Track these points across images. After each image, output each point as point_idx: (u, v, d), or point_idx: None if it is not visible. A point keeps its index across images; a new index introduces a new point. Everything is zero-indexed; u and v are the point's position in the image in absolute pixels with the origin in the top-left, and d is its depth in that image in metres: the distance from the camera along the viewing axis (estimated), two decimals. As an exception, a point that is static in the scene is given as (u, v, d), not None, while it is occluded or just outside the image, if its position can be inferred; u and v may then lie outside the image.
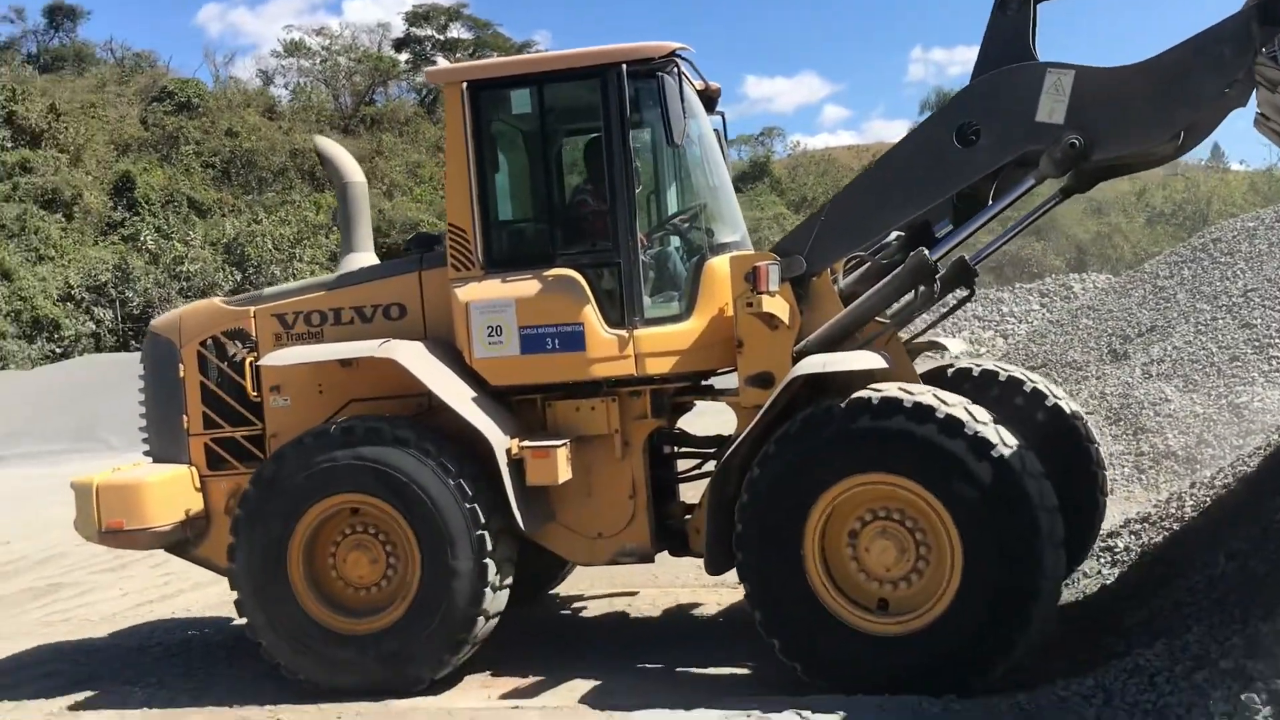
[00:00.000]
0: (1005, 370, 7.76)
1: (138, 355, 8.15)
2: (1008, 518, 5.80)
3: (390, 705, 6.53)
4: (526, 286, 6.92)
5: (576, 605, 9.02)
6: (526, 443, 6.83)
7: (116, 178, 43.12)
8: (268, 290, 7.86)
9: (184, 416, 7.61)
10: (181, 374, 7.61)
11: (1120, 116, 6.08)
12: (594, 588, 9.31)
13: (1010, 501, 5.80)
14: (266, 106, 52.23)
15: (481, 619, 6.74)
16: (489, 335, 6.93)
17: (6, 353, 36.08)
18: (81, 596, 10.59)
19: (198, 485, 7.50)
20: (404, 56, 58.67)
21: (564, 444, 6.87)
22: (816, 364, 6.38)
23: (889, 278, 6.72)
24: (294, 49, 56.55)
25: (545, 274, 6.93)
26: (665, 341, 6.96)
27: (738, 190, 8.78)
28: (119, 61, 55.37)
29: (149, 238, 41.32)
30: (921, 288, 6.75)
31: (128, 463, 7.96)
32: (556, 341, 6.89)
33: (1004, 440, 5.90)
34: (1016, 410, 7.38)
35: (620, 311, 6.94)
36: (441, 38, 59.11)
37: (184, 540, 7.46)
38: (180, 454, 7.58)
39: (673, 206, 7.63)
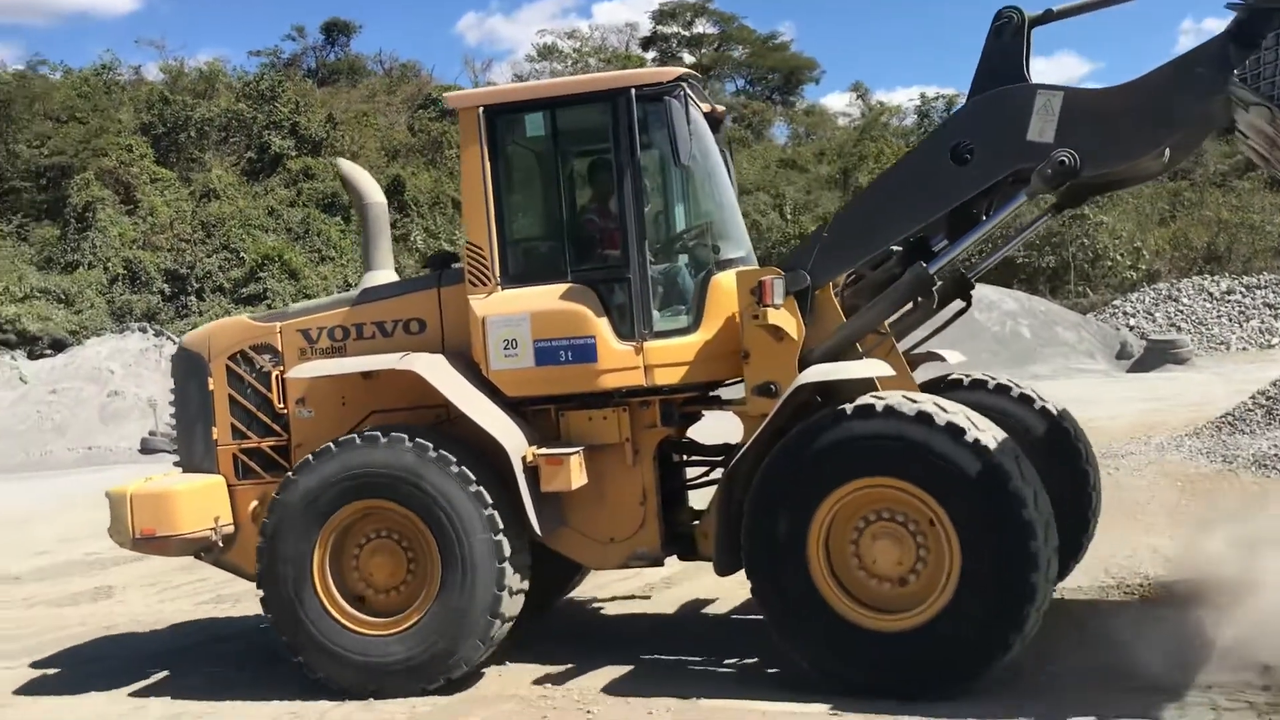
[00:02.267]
0: (994, 379, 8.19)
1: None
2: (1004, 521, 6.05)
3: (699, 703, 6.61)
4: (541, 301, 7.20)
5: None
6: (541, 450, 7.10)
7: (388, 182, 46.11)
8: (293, 307, 8.29)
9: (213, 428, 7.96)
10: (211, 387, 7.97)
11: (1106, 135, 6.29)
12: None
13: (1007, 506, 6.05)
14: (523, 109, 54.50)
15: (498, 622, 7.00)
16: (505, 348, 7.24)
17: (295, 347, 39.50)
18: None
19: (226, 494, 7.83)
20: (651, 55, 59.50)
21: (577, 451, 7.11)
22: (822, 372, 6.66)
23: (889, 290, 6.99)
24: (547, 53, 58.44)
25: (559, 289, 7.19)
26: (673, 353, 7.18)
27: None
28: (387, 72, 58.98)
29: (418, 237, 44.03)
30: (920, 299, 7.05)
31: (159, 473, 8.37)
32: (570, 354, 7.16)
33: (1002, 447, 6.19)
34: (1007, 413, 7.77)
35: (631, 324, 7.15)
36: (687, 34, 59.86)
37: (212, 546, 7.79)
38: (209, 464, 7.95)
39: (680, 224, 7.87)
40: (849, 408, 6.40)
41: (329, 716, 6.96)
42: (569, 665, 7.51)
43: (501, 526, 6.95)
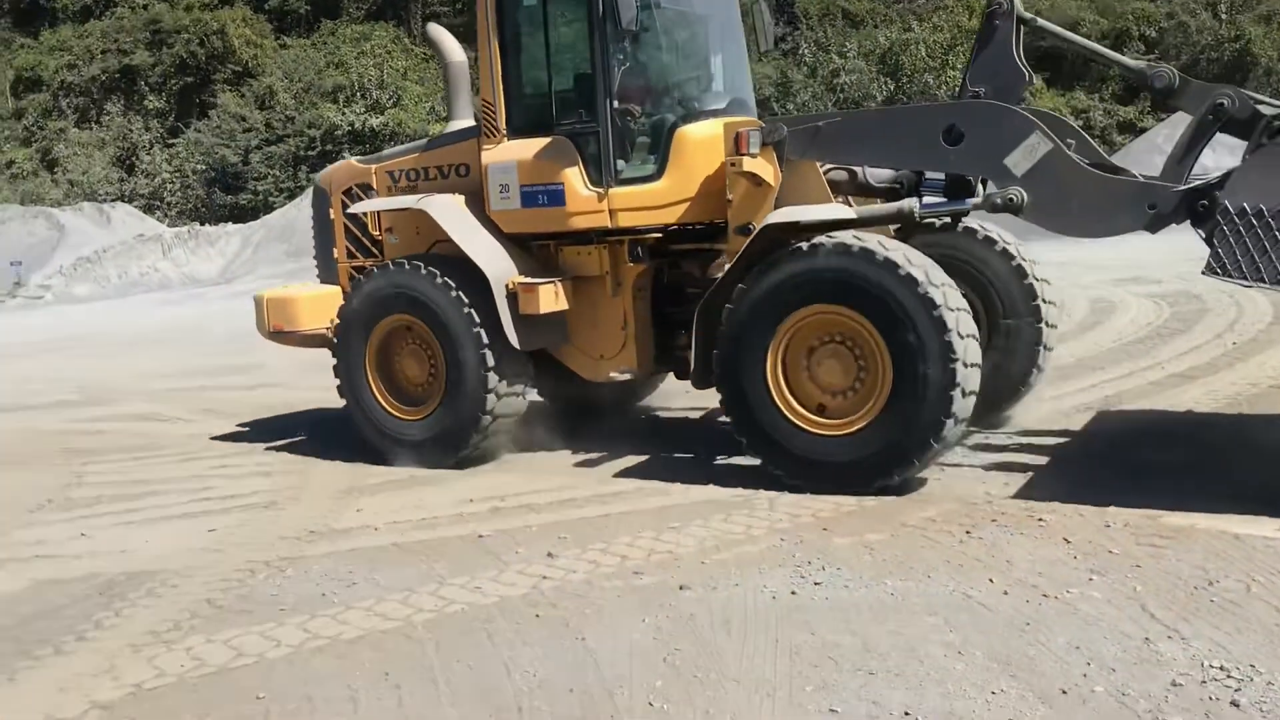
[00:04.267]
0: (964, 222, 8.80)
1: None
2: (928, 343, 6.89)
3: (1159, 519, 6.28)
4: (526, 151, 8.42)
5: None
6: (520, 279, 8.43)
7: (780, -5, 46.34)
8: (386, 152, 9.91)
9: (334, 249, 9.82)
10: (332, 216, 9.80)
11: (1057, 203, 7.04)
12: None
13: (931, 329, 6.87)
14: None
15: (488, 419, 8.52)
16: (500, 192, 8.56)
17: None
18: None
19: (342, 301, 9.37)
20: None
21: (551, 282, 8.41)
22: (787, 214, 7.55)
23: (880, 207, 7.89)
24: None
25: (543, 141, 8.37)
26: (636, 199, 8.23)
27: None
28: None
29: (806, 51, 44.20)
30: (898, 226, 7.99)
31: (304, 282, 10.42)
32: (545, 197, 8.39)
33: (931, 279, 6.97)
34: (967, 252, 8.64)
35: (599, 172, 8.22)
36: None
37: (328, 343, 9.41)
38: (333, 278, 9.83)
39: (657, 81, 8.65)
40: (804, 245, 7.23)
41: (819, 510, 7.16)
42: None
43: (487, 342, 8.40)
